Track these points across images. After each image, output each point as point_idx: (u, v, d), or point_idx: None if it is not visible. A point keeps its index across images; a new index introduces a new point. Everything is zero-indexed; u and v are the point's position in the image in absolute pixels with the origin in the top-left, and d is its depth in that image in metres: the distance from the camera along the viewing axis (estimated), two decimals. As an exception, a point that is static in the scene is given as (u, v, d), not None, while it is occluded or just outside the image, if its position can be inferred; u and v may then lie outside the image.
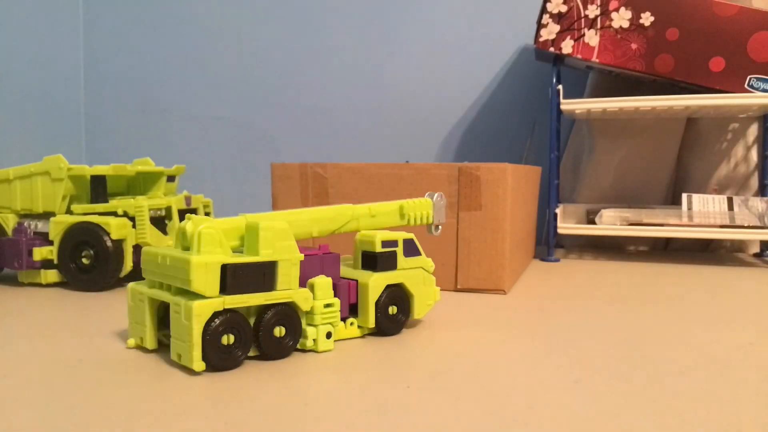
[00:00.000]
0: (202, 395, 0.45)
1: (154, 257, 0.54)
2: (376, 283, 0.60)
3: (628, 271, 1.07)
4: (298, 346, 0.56)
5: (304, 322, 0.56)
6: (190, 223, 0.53)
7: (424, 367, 0.52)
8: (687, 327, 0.66)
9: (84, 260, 0.85)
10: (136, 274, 0.89)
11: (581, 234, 1.20)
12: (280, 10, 1.65)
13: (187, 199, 0.95)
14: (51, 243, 0.87)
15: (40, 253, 0.86)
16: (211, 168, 1.74)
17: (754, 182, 1.28)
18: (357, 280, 0.61)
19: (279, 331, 0.54)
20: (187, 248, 0.53)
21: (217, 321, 0.50)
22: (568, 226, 1.18)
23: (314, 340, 0.56)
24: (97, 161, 1.84)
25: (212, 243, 0.52)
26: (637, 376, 0.50)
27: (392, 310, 0.62)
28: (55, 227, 0.86)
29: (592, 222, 1.20)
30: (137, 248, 0.87)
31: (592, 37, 1.14)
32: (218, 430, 0.39)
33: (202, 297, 0.50)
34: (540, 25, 1.17)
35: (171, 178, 1.00)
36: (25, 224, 0.89)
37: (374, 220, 0.64)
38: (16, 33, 1.56)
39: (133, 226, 0.86)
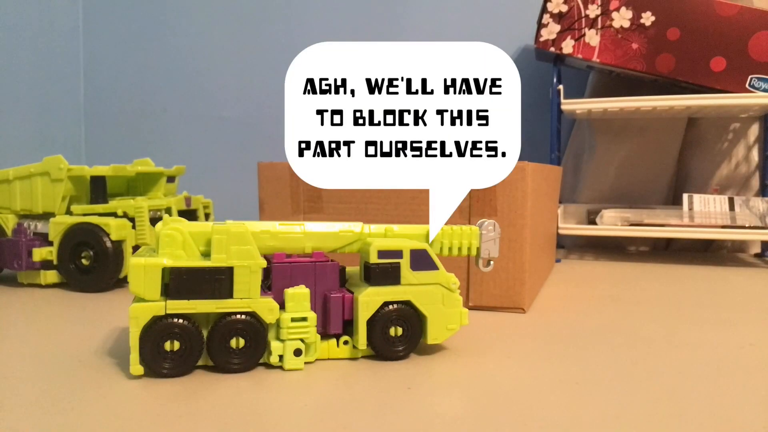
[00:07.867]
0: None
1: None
2: (367, 298, 0.53)
3: (628, 271, 1.06)
4: (264, 361, 0.52)
5: (272, 335, 0.52)
6: (159, 224, 0.52)
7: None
8: (688, 327, 0.66)
9: (84, 261, 0.84)
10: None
11: (582, 234, 1.20)
12: (280, 10, 1.65)
13: (187, 200, 0.94)
14: (51, 244, 0.86)
15: (39, 253, 0.85)
16: (211, 168, 1.73)
17: (755, 182, 1.28)
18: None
19: (236, 342, 0.50)
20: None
21: (158, 325, 0.48)
22: (568, 226, 1.18)
23: (280, 356, 0.51)
24: (97, 161, 1.83)
25: (173, 245, 0.50)
26: (637, 377, 0.49)
27: (395, 331, 0.54)
28: (55, 228, 0.85)
29: (592, 222, 1.20)
30: (137, 249, 0.87)
31: (592, 37, 1.14)
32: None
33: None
34: (540, 25, 1.16)
35: (171, 179, 1.00)
36: (25, 225, 0.89)
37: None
38: (16, 33, 1.56)
39: (133, 227, 0.86)
